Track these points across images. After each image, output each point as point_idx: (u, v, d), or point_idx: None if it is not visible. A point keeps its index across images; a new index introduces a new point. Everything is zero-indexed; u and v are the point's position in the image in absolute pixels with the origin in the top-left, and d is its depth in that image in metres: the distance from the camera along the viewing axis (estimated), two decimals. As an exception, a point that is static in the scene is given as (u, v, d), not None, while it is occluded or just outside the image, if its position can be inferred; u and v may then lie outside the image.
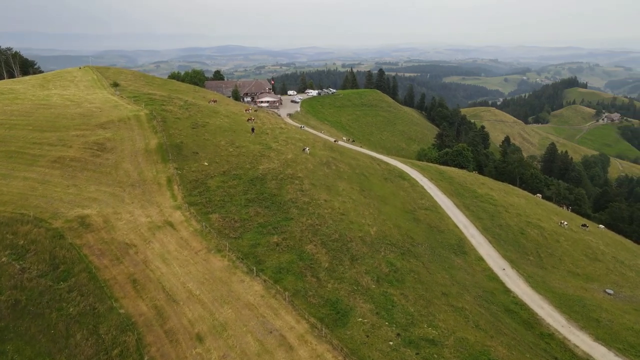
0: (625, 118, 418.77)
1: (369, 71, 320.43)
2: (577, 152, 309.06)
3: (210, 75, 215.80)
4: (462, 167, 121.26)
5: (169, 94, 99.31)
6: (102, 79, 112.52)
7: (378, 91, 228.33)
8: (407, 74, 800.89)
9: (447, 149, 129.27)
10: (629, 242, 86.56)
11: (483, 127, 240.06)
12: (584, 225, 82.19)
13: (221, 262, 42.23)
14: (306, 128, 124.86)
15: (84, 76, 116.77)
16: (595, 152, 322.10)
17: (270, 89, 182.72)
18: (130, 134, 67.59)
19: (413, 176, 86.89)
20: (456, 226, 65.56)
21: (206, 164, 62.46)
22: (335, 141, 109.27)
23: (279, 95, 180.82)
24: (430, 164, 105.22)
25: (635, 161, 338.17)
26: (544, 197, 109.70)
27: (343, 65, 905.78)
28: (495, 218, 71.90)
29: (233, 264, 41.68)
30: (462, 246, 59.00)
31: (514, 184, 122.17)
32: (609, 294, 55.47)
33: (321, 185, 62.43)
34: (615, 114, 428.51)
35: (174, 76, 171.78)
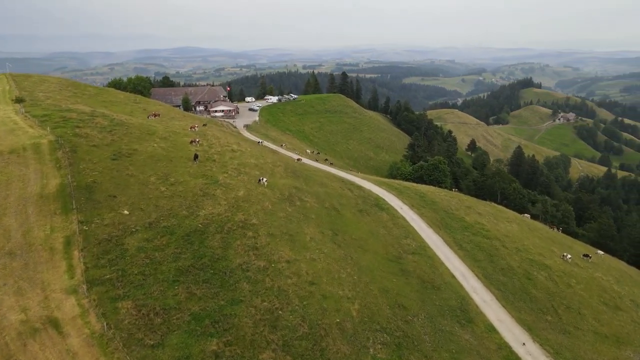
0: (580, 118, 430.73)
1: (331, 73, 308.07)
2: (539, 152, 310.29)
3: (173, 77, 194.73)
4: (439, 183, 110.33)
5: (95, 109, 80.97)
6: (14, 90, 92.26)
7: (342, 96, 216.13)
8: (367, 75, 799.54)
9: (421, 163, 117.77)
10: (631, 270, 77.90)
11: (450, 132, 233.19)
12: (585, 255, 72.30)
13: (125, 400, 26.83)
14: (265, 143, 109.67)
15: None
16: (556, 153, 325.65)
17: (225, 96, 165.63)
18: (22, 171, 49.93)
19: (391, 203, 73.87)
20: (453, 276, 52.78)
21: (126, 212, 46.20)
22: (298, 160, 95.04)
23: (235, 104, 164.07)
24: (407, 184, 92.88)
25: (592, 160, 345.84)
26: (531, 217, 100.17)
27: (304, 67, 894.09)
28: (495, 258, 59.90)
29: (144, 405, 26.37)
30: (466, 310, 46.10)
31: (494, 200, 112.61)
32: (648, 364, 44.52)
33: (282, 235, 47.73)
34: (571, 113, 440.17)
35: (115, 84, 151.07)
